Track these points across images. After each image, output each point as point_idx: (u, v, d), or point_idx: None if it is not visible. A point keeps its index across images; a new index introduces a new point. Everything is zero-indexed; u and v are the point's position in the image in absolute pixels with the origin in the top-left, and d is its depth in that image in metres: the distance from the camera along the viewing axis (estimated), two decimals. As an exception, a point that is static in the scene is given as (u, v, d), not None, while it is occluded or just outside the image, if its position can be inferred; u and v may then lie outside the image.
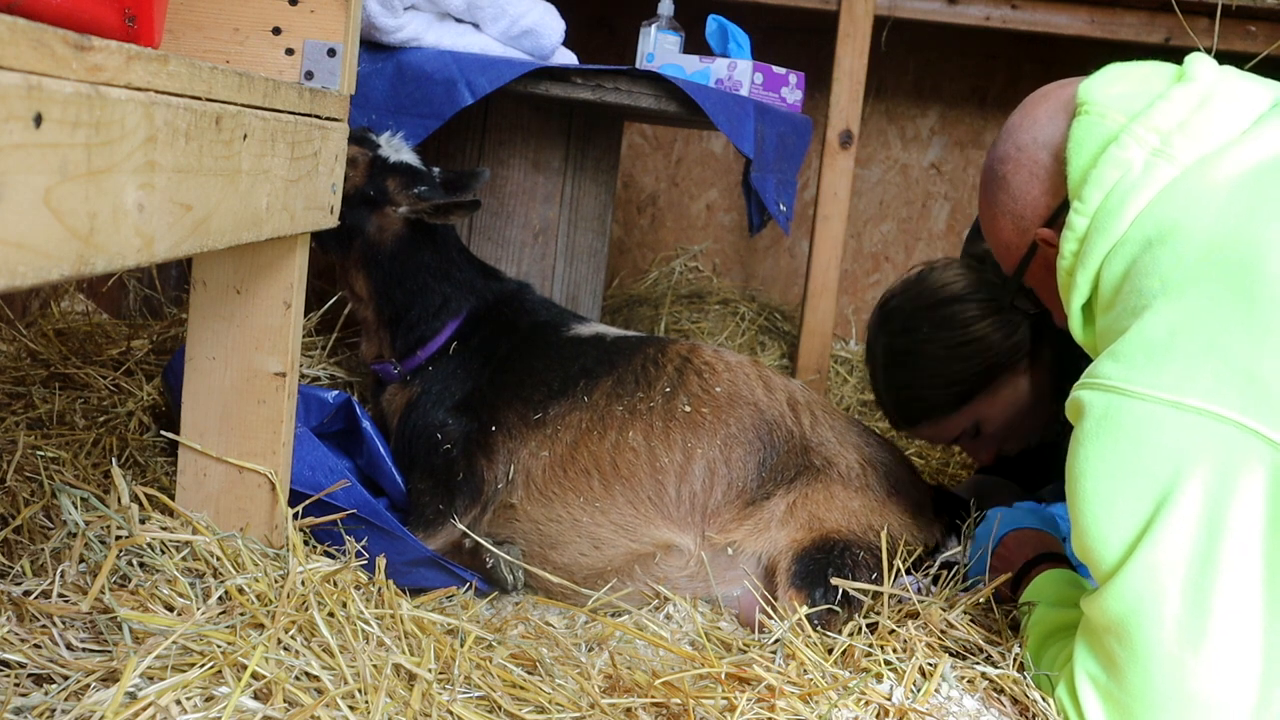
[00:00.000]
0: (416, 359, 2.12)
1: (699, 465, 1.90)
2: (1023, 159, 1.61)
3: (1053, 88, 1.65)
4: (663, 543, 1.89)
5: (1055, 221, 1.59)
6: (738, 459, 1.91)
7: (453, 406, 2.05)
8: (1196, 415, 1.29)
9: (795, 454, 1.94)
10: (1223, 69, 1.54)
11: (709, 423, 1.93)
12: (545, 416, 1.97)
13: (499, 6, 2.34)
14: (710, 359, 2.03)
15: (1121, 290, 1.42)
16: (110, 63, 0.91)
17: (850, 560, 1.81)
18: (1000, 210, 1.67)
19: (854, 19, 3.26)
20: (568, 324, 2.17)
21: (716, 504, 1.89)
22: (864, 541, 1.85)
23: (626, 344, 2.08)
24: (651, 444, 1.91)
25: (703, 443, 1.91)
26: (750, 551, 1.87)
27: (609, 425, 1.94)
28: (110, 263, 0.92)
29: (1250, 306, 1.29)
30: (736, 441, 1.92)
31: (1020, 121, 1.64)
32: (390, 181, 2.09)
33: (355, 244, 2.10)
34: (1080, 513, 1.38)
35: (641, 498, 1.89)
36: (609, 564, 1.90)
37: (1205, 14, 3.25)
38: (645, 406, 1.95)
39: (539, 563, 1.93)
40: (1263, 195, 1.35)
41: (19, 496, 1.64)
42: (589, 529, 1.90)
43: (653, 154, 4.16)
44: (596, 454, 1.91)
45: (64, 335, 2.39)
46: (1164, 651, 1.30)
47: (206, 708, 1.21)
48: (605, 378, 2.00)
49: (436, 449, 2.01)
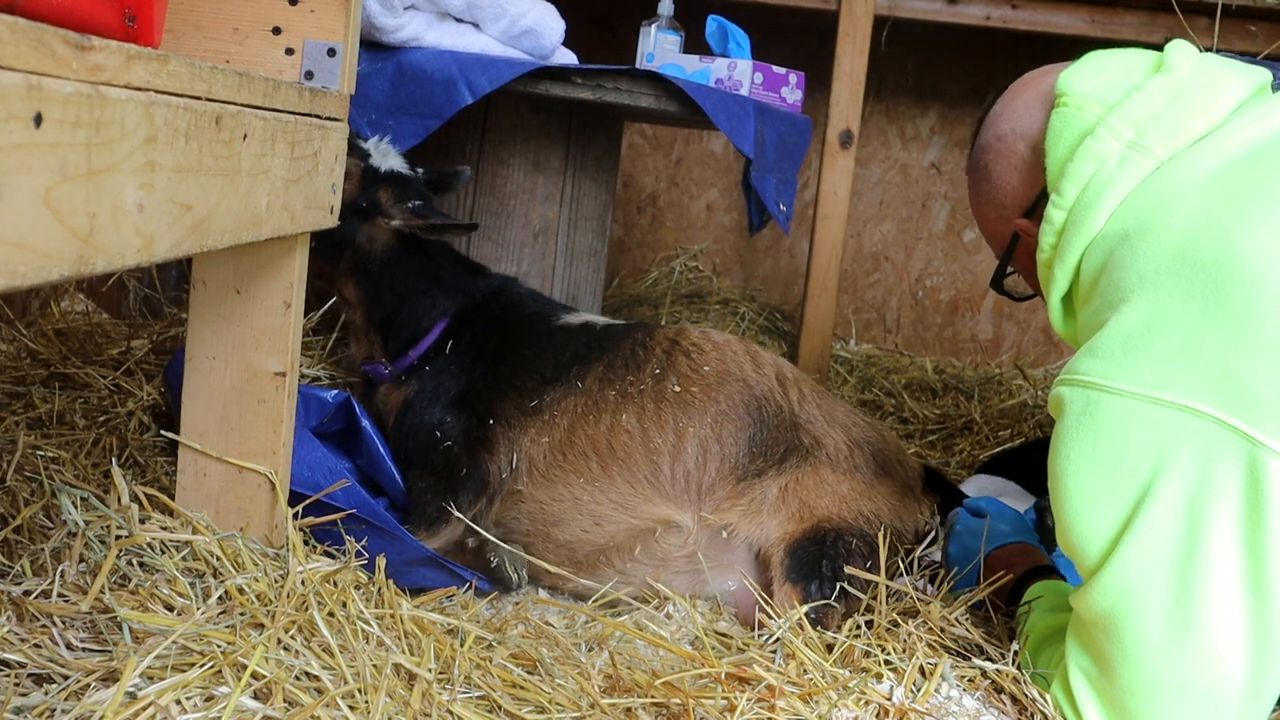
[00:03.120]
0: (407, 359, 2.14)
1: (691, 443, 1.92)
2: (1002, 149, 1.63)
3: (1034, 76, 1.65)
4: (661, 519, 1.91)
5: (1035, 211, 1.59)
6: (729, 435, 1.93)
7: (449, 403, 2.06)
8: (1174, 410, 1.30)
9: (785, 429, 1.95)
10: (1203, 57, 1.54)
11: (699, 401, 1.96)
12: (541, 403, 2.00)
13: (499, 6, 2.34)
14: (698, 340, 2.06)
15: (1099, 283, 1.43)
16: (110, 62, 0.91)
17: (844, 549, 1.82)
18: (983, 199, 1.69)
19: (854, 19, 3.26)
20: (556, 314, 2.20)
21: (711, 481, 1.91)
22: (855, 528, 1.85)
23: (615, 330, 2.11)
24: (644, 425, 1.94)
25: (694, 421, 1.94)
26: (744, 536, 1.88)
27: (603, 409, 1.96)
28: (110, 263, 0.92)
29: (1225, 303, 1.29)
30: (727, 418, 1.94)
31: (1000, 111, 1.65)
32: (383, 193, 2.09)
33: (345, 253, 2.11)
34: (1063, 509, 1.39)
35: (638, 477, 1.92)
36: (610, 540, 1.93)
37: (1205, 14, 3.25)
38: (636, 389, 1.98)
39: (543, 540, 1.96)
40: (1236, 191, 1.35)
41: (19, 496, 1.64)
42: (589, 507, 1.93)
43: (653, 154, 4.16)
44: (593, 437, 1.95)
45: (64, 335, 2.39)
46: (1151, 643, 1.32)
47: (206, 708, 1.21)
48: (596, 363, 2.03)
49: (436, 446, 2.02)
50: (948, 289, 4.17)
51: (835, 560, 1.80)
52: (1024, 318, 4.14)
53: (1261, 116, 1.43)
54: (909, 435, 2.99)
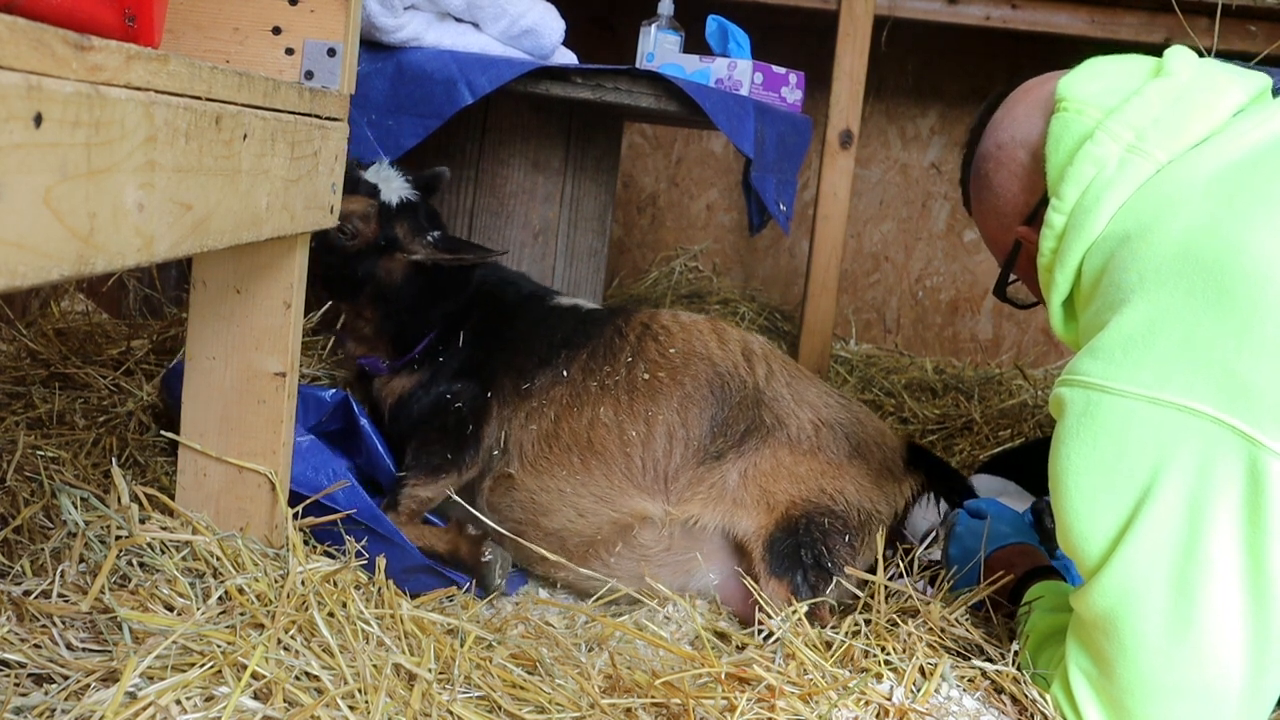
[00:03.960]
0: (409, 356, 2.14)
1: (659, 431, 1.94)
2: (1003, 156, 1.63)
3: (1034, 83, 1.65)
4: (637, 512, 1.92)
5: (1036, 218, 1.59)
6: (693, 418, 1.94)
7: (454, 375, 2.09)
8: (1174, 411, 1.30)
9: (748, 406, 1.95)
10: (1202, 62, 1.54)
11: (665, 387, 1.97)
12: (533, 387, 2.02)
13: (499, 6, 2.34)
14: (667, 322, 2.07)
15: (1100, 285, 1.43)
16: (110, 62, 0.91)
17: (818, 532, 1.82)
18: (985, 207, 1.69)
19: (854, 19, 3.26)
20: (549, 295, 2.22)
21: (675, 467, 1.92)
22: (821, 506, 1.85)
23: (598, 316, 2.13)
24: (620, 418, 1.96)
25: (662, 409, 1.95)
26: (713, 527, 1.88)
27: (585, 402, 1.98)
28: (110, 263, 0.92)
29: (1226, 303, 1.29)
30: (691, 400, 1.95)
31: (1001, 119, 1.66)
32: (399, 229, 2.09)
33: (366, 289, 2.10)
34: (1064, 510, 1.39)
35: (615, 471, 1.94)
36: (596, 532, 1.95)
37: (1205, 14, 3.25)
38: (613, 381, 1.99)
39: (533, 529, 1.98)
40: (1237, 193, 1.36)
41: (19, 496, 1.64)
42: (573, 499, 1.95)
43: (653, 154, 4.16)
44: (575, 431, 1.97)
45: (64, 335, 2.39)
46: (1151, 644, 1.32)
47: (206, 708, 1.21)
48: (581, 350, 2.04)
49: (447, 408, 2.05)
50: (948, 289, 4.18)
51: (814, 546, 1.81)
52: (1024, 318, 4.15)
53: (1262, 121, 1.43)
54: (909, 435, 2.99)
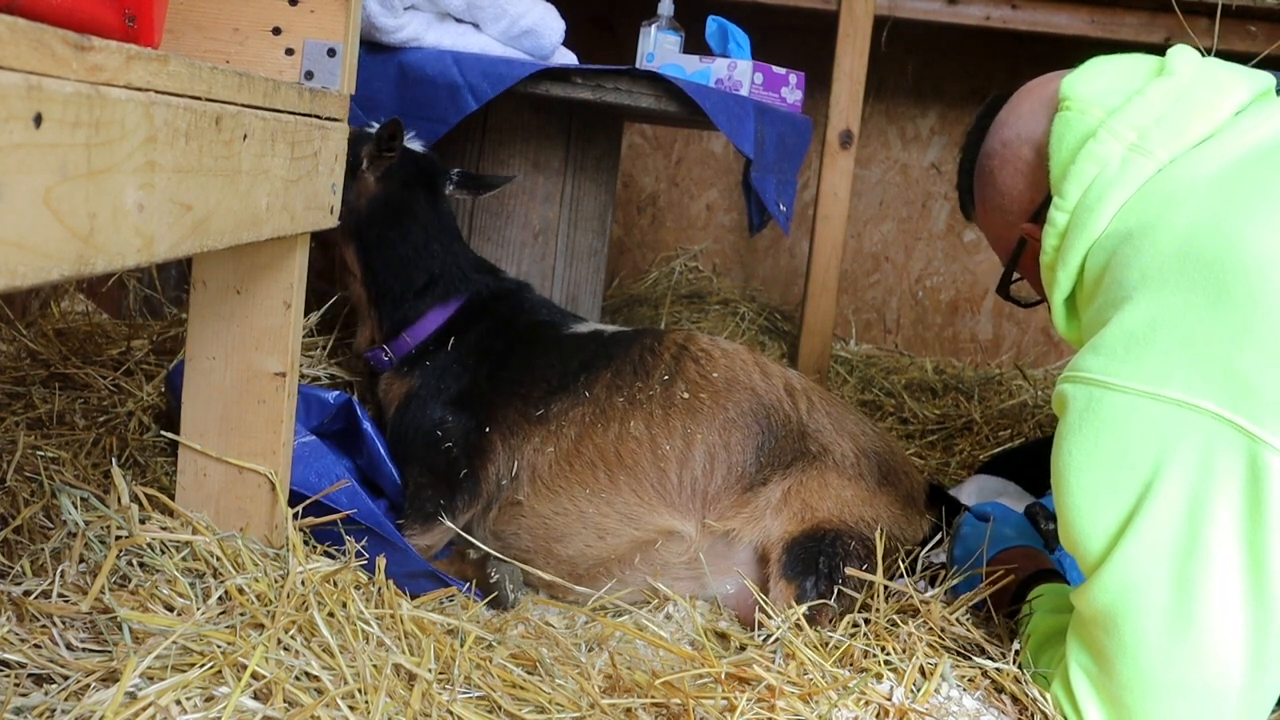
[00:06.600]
0: (404, 343, 2.13)
1: (699, 450, 1.91)
2: (1007, 155, 1.64)
3: (1038, 82, 1.67)
4: (665, 529, 1.90)
5: (1040, 216, 1.60)
6: (736, 443, 1.93)
7: (450, 402, 2.05)
8: (1176, 407, 1.30)
9: (792, 439, 1.95)
10: (1205, 61, 1.55)
11: (708, 408, 1.95)
12: (548, 413, 1.99)
13: (499, 6, 2.34)
14: (706, 346, 2.06)
15: (1103, 282, 1.44)
16: (110, 63, 0.91)
17: (841, 550, 1.82)
18: (989, 205, 1.71)
19: (854, 19, 3.26)
20: (566, 323, 2.18)
21: (717, 489, 1.91)
22: (854, 532, 1.85)
23: (623, 337, 2.10)
24: (653, 432, 1.93)
25: (702, 428, 1.93)
26: (747, 540, 1.88)
27: (611, 417, 1.95)
28: (110, 263, 0.92)
29: (1228, 300, 1.29)
30: (735, 426, 1.94)
31: (1006, 117, 1.67)
32: (365, 148, 2.09)
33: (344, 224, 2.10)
34: (1065, 506, 1.40)
35: (645, 486, 1.91)
36: (613, 553, 1.92)
37: (1205, 14, 3.25)
38: (645, 395, 1.97)
39: (544, 557, 1.95)
40: (1238, 190, 1.36)
41: (19, 496, 1.64)
42: (594, 520, 1.92)
43: (653, 154, 4.16)
44: (601, 446, 1.93)
45: (64, 335, 2.39)
46: (1151, 641, 1.32)
47: (206, 708, 1.21)
48: (604, 370, 2.02)
49: (437, 446, 2.01)
50: (948, 289, 4.18)
51: (833, 558, 1.80)
52: (1024, 318, 4.14)
53: (1264, 120, 1.44)
54: (909, 435, 2.99)
